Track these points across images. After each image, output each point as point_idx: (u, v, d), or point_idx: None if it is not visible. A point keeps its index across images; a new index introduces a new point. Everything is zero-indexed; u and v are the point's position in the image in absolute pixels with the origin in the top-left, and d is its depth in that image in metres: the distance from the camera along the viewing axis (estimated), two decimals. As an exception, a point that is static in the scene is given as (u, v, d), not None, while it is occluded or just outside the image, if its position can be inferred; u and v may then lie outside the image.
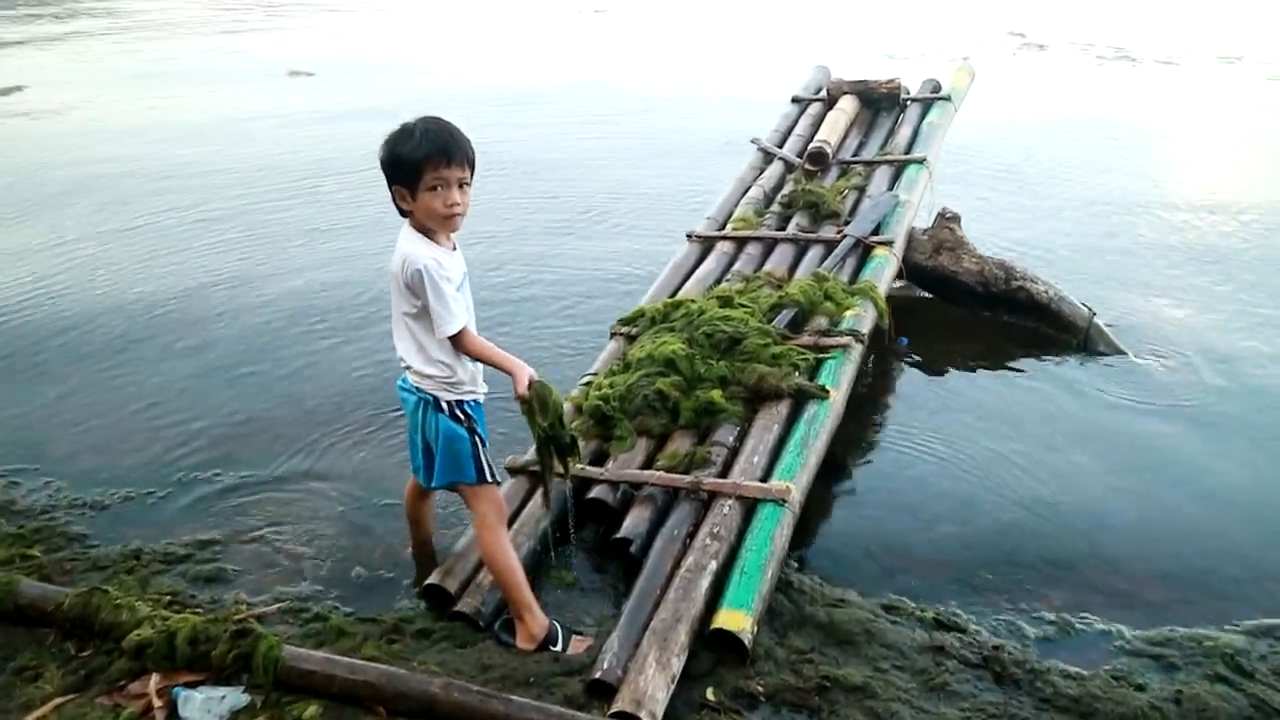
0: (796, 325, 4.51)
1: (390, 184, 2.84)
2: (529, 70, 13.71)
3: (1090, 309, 5.30)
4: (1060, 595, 3.41)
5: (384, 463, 4.18)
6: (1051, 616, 3.30)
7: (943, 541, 3.70)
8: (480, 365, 3.03)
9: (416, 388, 2.99)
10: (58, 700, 2.83)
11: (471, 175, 2.85)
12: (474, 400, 3.04)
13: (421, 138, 2.76)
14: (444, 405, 2.98)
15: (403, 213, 2.89)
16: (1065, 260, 6.41)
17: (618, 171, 8.83)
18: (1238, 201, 7.66)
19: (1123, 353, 5.14)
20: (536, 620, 3.06)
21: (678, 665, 2.83)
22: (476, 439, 3.03)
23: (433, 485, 3.14)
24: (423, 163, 2.75)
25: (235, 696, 2.79)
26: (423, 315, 2.88)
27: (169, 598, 3.32)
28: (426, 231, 2.87)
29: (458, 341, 2.89)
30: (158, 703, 2.78)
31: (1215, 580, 3.50)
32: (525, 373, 2.93)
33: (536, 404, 2.94)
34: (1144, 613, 3.33)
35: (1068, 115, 10.52)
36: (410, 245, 2.84)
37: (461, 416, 3.00)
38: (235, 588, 3.45)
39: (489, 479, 3.06)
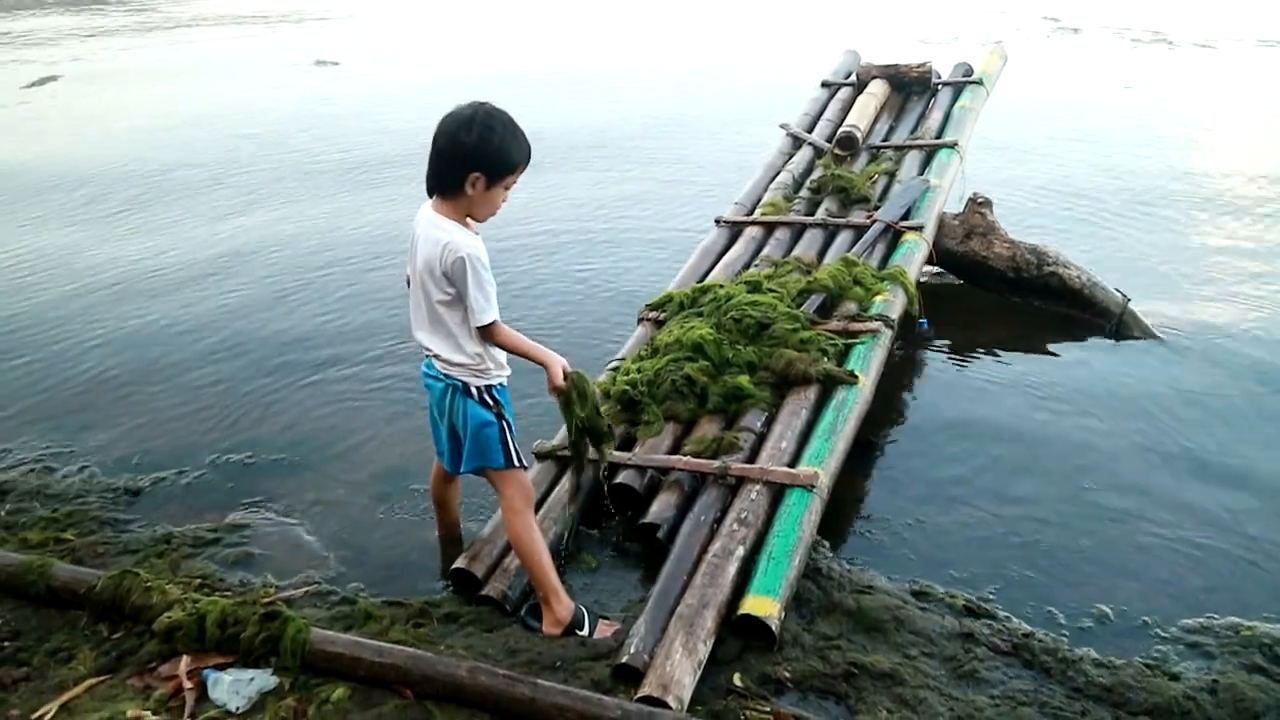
0: (825, 310, 4.47)
1: (470, 169, 2.73)
2: (547, 52, 13.69)
3: (1124, 295, 5.22)
4: (1093, 582, 3.36)
5: (411, 447, 4.18)
6: (1084, 604, 3.26)
7: (972, 528, 3.66)
8: (500, 353, 3.02)
9: (445, 374, 2.98)
10: (90, 681, 2.87)
11: None
12: (500, 384, 3.03)
13: (520, 137, 2.78)
14: (474, 391, 2.97)
15: (442, 192, 2.81)
16: (1099, 245, 6.32)
17: (646, 154, 8.80)
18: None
19: (1158, 339, 5.06)
20: (563, 604, 3.05)
21: (704, 650, 2.81)
22: (504, 424, 3.02)
23: (461, 471, 3.14)
24: (520, 164, 2.79)
25: (263, 678, 2.80)
26: (455, 304, 2.85)
27: (199, 581, 3.35)
28: (461, 219, 2.85)
29: (490, 332, 2.86)
30: (188, 684, 2.80)
31: (1253, 569, 3.44)
32: (559, 364, 2.95)
33: (575, 395, 2.94)
34: (1179, 601, 3.28)
35: (1104, 99, 10.36)
36: (447, 232, 2.79)
37: (491, 402, 2.99)
38: (264, 571, 3.47)
39: (516, 464, 3.06)
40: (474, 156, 2.73)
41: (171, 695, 2.79)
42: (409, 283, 2.99)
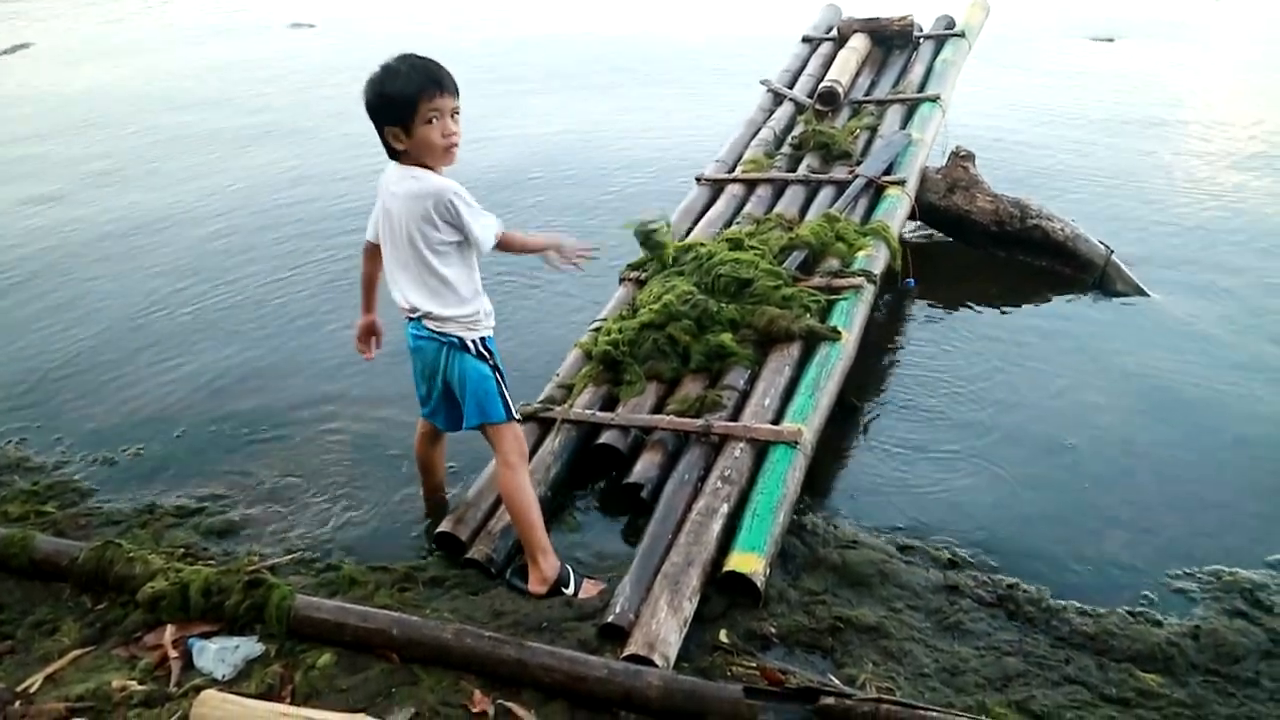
0: (808, 267, 4.45)
1: (382, 126, 2.78)
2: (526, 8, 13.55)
3: (1108, 247, 5.21)
4: (1076, 532, 3.38)
5: (394, 410, 4.15)
6: (1067, 555, 3.27)
7: (956, 482, 3.67)
8: (489, 302, 3.02)
9: (439, 332, 2.95)
10: (75, 653, 2.86)
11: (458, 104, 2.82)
12: (490, 336, 3.03)
13: (410, 72, 2.72)
14: (470, 345, 2.97)
15: (394, 155, 2.83)
16: (1082, 197, 6.30)
17: (623, 116, 8.72)
18: (1267, 137, 7.50)
19: (1142, 291, 5.06)
20: (550, 562, 3.05)
21: (690, 608, 2.82)
22: (499, 376, 3.02)
23: (464, 428, 3.10)
24: (416, 96, 2.71)
25: (249, 646, 2.80)
26: (453, 252, 2.85)
27: (182, 550, 3.33)
28: (424, 168, 2.82)
29: (503, 244, 2.95)
30: (173, 653, 2.80)
31: (1234, 516, 3.46)
32: (563, 241, 3.18)
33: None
34: (1161, 549, 3.29)
35: (1087, 51, 10.31)
36: (426, 182, 2.79)
37: (486, 354, 3.00)
38: (247, 539, 3.46)
39: (513, 416, 3.06)
40: (374, 114, 2.78)
41: (157, 665, 2.78)
42: (367, 250, 3.12)
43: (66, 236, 6.52)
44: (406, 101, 2.71)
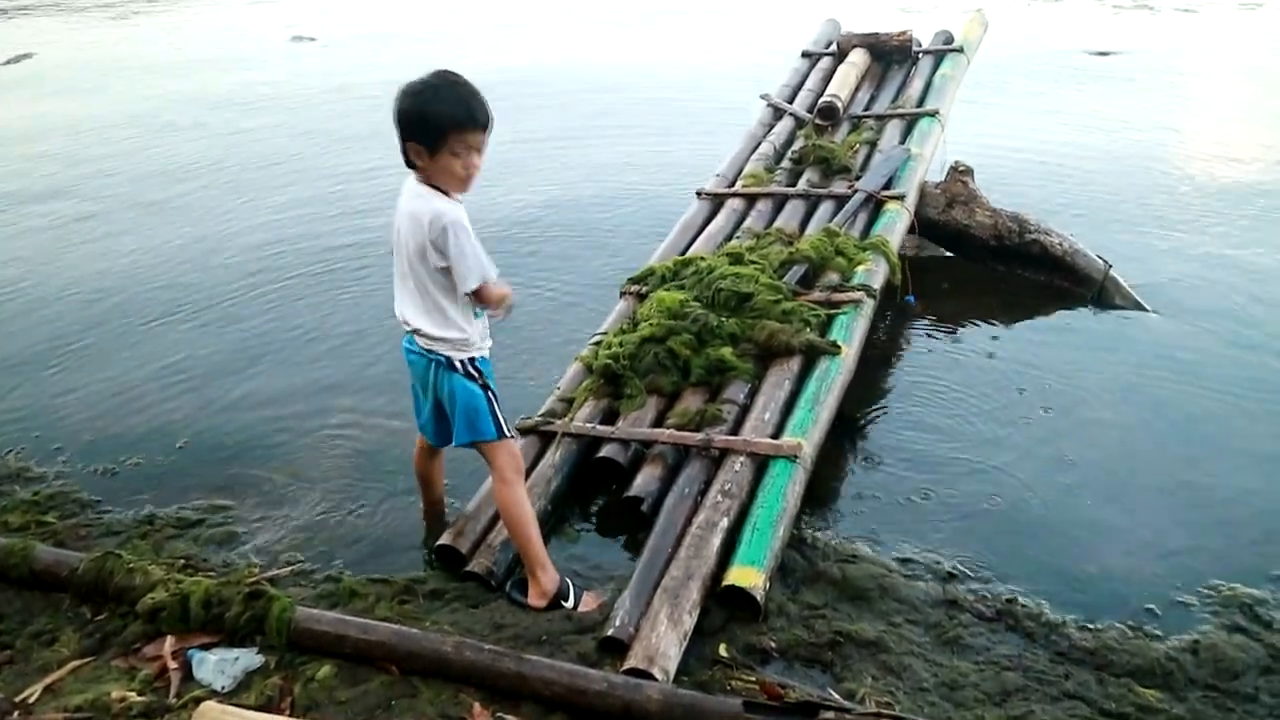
0: (807, 281, 4.47)
1: (406, 139, 2.75)
2: (529, 29, 13.59)
3: (1106, 261, 5.22)
4: (1075, 548, 3.38)
5: (393, 423, 4.15)
6: (1066, 569, 3.27)
7: (956, 497, 3.67)
8: (487, 321, 3.02)
9: (427, 350, 2.96)
10: (74, 663, 2.86)
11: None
12: (483, 357, 3.03)
13: (450, 97, 2.69)
14: (458, 365, 2.96)
15: (410, 165, 2.82)
16: (1080, 212, 6.31)
17: (624, 127, 8.74)
18: (1263, 150, 7.53)
19: (1140, 305, 5.07)
20: (549, 576, 3.05)
21: (690, 622, 2.82)
22: (490, 394, 3.02)
23: (454, 445, 3.11)
24: (448, 127, 2.69)
25: (249, 658, 2.80)
26: (442, 275, 2.84)
27: (182, 561, 3.33)
28: (437, 188, 2.82)
29: (479, 296, 2.86)
30: (173, 665, 2.80)
31: (1234, 530, 3.46)
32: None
33: None
34: (1161, 563, 3.29)
35: (1084, 65, 10.35)
36: (429, 202, 2.78)
37: (475, 374, 2.99)
38: (247, 551, 3.45)
39: (506, 433, 3.06)
40: (403, 125, 2.74)
41: (156, 676, 2.78)
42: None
43: (66, 244, 6.52)
44: (438, 128, 2.69)
